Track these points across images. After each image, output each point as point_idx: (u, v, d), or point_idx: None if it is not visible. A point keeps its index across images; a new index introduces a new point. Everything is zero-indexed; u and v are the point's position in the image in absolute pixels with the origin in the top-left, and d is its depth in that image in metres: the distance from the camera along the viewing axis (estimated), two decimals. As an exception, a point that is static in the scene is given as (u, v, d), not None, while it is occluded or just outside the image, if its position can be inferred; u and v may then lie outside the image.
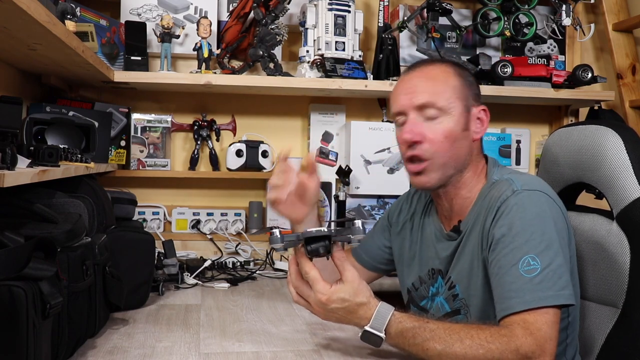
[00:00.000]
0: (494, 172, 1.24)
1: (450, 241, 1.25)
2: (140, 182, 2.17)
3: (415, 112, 1.21)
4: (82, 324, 1.19)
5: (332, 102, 2.28)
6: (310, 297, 1.10)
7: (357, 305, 1.08)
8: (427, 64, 1.26)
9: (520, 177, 1.18)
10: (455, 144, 1.20)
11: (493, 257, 1.12)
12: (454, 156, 1.20)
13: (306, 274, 1.09)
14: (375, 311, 1.07)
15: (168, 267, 1.78)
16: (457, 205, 1.25)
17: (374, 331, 1.07)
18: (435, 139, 1.19)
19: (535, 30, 2.18)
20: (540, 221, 1.10)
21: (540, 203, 1.12)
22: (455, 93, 1.20)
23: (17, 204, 1.19)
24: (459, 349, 1.01)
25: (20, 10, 1.01)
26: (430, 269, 1.30)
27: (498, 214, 1.13)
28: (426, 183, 1.22)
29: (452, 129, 1.19)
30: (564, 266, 1.08)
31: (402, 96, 1.23)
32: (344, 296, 1.07)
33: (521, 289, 1.05)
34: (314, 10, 2.06)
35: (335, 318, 1.11)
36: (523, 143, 2.38)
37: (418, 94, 1.20)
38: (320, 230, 1.07)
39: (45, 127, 1.46)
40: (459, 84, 1.22)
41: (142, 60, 1.98)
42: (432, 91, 1.19)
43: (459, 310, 1.23)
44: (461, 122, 1.20)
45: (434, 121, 1.19)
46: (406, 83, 1.24)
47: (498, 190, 1.17)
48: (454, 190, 1.24)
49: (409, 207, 1.41)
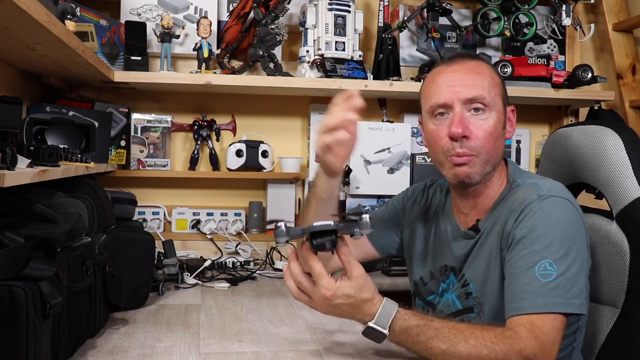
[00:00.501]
0: (516, 174, 1.23)
1: (467, 239, 1.24)
2: (140, 182, 2.17)
3: (461, 105, 1.17)
4: (82, 324, 1.19)
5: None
6: (314, 292, 1.08)
7: (361, 301, 1.06)
8: (469, 58, 1.23)
9: (545, 183, 1.17)
10: (497, 142, 1.19)
11: (510, 257, 1.11)
12: (495, 154, 1.19)
13: (311, 269, 1.07)
14: (380, 307, 1.06)
15: (168, 267, 1.78)
16: (480, 204, 1.24)
17: (378, 328, 1.05)
18: (481, 135, 1.16)
19: (535, 30, 2.18)
20: (563, 228, 1.09)
21: (565, 211, 1.12)
22: (498, 90, 1.20)
23: (17, 204, 1.19)
24: (462, 349, 1.01)
25: (20, 10, 1.01)
26: (443, 266, 1.29)
27: (521, 215, 1.12)
28: (468, 175, 1.18)
29: (496, 125, 1.18)
30: (579, 275, 1.08)
31: (447, 88, 1.18)
32: (349, 292, 1.06)
33: (534, 292, 1.05)
34: (314, 10, 2.06)
35: (338, 313, 1.09)
36: (523, 143, 2.38)
37: (467, 87, 1.17)
38: (326, 224, 1.06)
39: (45, 127, 1.46)
40: (500, 81, 1.22)
41: (142, 60, 1.98)
42: (480, 85, 1.17)
43: (471, 308, 1.22)
44: (502, 119, 1.20)
45: (479, 116, 1.17)
46: (450, 75, 1.20)
47: (523, 193, 1.16)
48: (484, 189, 1.23)
49: (425, 200, 1.39)
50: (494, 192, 1.23)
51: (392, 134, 2.18)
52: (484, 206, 1.24)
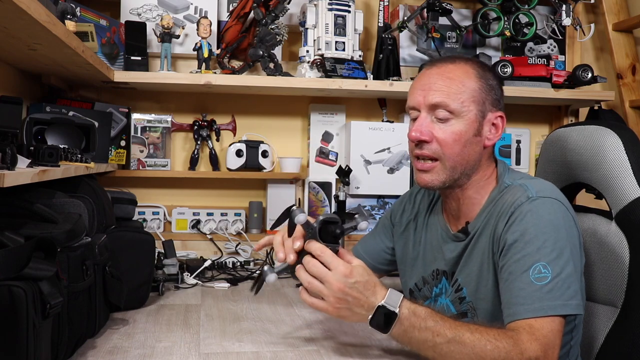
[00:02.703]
0: (506, 176, 1.23)
1: (457, 242, 1.25)
2: (140, 182, 2.17)
3: (427, 110, 1.19)
4: (82, 324, 1.19)
5: (332, 102, 2.28)
6: (329, 275, 1.07)
7: (373, 282, 1.08)
8: (449, 62, 1.22)
9: (534, 183, 1.17)
10: (465, 148, 1.18)
11: (504, 263, 1.11)
12: (462, 160, 1.19)
13: (322, 254, 1.08)
14: (389, 290, 1.08)
15: (168, 267, 1.78)
16: (464, 205, 1.25)
17: (389, 307, 1.05)
18: (444, 141, 1.17)
19: (535, 30, 2.18)
20: (554, 229, 1.09)
21: (554, 211, 1.12)
22: (471, 96, 1.18)
23: (17, 204, 1.19)
24: (468, 340, 1.01)
25: (20, 10, 1.01)
26: (435, 270, 1.30)
27: (511, 219, 1.12)
28: (429, 182, 1.21)
29: (462, 132, 1.17)
30: (574, 275, 1.08)
31: (418, 91, 1.21)
32: (363, 271, 1.08)
33: (530, 296, 1.05)
34: (314, 10, 2.06)
35: (352, 298, 1.06)
36: (523, 143, 2.38)
37: (432, 92, 1.18)
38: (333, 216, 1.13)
39: (45, 127, 1.46)
40: (478, 87, 1.19)
41: (142, 60, 1.98)
42: (447, 92, 1.17)
43: (465, 313, 1.22)
44: (474, 126, 1.18)
45: (445, 122, 1.18)
46: (424, 79, 1.21)
47: (512, 195, 1.16)
48: (460, 192, 1.24)
49: (412, 207, 1.40)
50: (477, 193, 1.23)
51: (392, 134, 2.18)
52: (471, 207, 1.24)
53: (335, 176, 2.17)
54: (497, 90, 1.23)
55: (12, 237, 0.98)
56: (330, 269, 1.07)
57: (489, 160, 1.25)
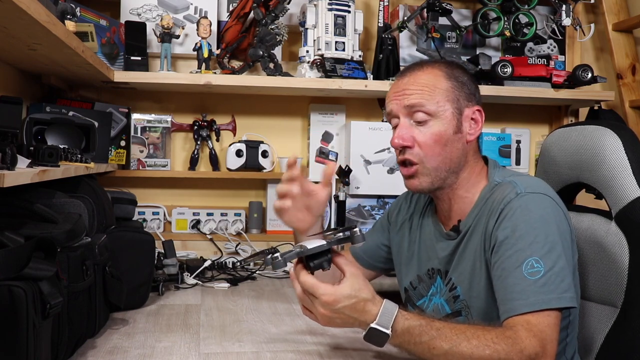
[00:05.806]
0: (495, 173, 1.24)
1: (449, 240, 1.25)
2: (140, 182, 2.17)
3: (405, 116, 1.22)
4: (82, 324, 1.19)
5: (332, 102, 2.28)
6: (315, 304, 1.06)
7: (362, 301, 1.05)
8: (417, 68, 1.25)
9: (523, 180, 1.18)
10: (446, 148, 1.20)
11: (496, 259, 1.12)
12: (446, 160, 1.21)
13: (304, 284, 1.06)
14: (382, 307, 1.05)
15: (168, 267, 1.78)
16: (455, 205, 1.25)
17: (381, 328, 1.03)
18: (425, 143, 1.19)
19: (535, 30, 2.18)
20: (544, 224, 1.10)
21: (544, 206, 1.12)
22: (445, 96, 1.20)
23: (17, 204, 1.19)
24: (465, 349, 1.01)
25: (20, 10, 1.01)
26: (430, 269, 1.30)
27: (501, 216, 1.13)
28: (417, 186, 1.23)
29: (442, 132, 1.19)
30: (567, 269, 1.08)
31: (393, 99, 1.24)
32: (349, 292, 1.04)
33: (525, 291, 1.05)
34: (314, 10, 2.06)
35: (341, 319, 1.06)
36: (523, 143, 2.38)
37: (407, 96, 1.21)
38: (320, 245, 1.06)
39: (45, 127, 1.46)
40: (449, 86, 1.21)
41: (142, 60, 1.98)
42: (421, 94, 1.20)
43: (459, 311, 1.22)
44: (452, 124, 1.20)
45: (424, 125, 1.20)
46: (397, 86, 1.25)
47: (501, 192, 1.17)
48: (451, 192, 1.25)
49: (407, 207, 1.41)
50: (467, 192, 1.24)
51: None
52: (463, 207, 1.24)
53: (335, 176, 2.17)
54: (469, 85, 1.25)
55: (12, 237, 0.98)
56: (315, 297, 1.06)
57: (475, 156, 1.26)
